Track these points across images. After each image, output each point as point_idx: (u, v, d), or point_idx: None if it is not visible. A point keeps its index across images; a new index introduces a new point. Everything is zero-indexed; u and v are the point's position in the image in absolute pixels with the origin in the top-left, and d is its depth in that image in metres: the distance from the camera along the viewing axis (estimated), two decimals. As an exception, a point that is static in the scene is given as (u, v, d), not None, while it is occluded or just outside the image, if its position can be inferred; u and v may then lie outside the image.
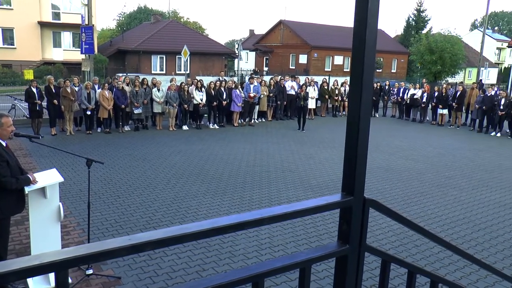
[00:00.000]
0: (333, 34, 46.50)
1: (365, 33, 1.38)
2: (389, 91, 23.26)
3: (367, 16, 1.37)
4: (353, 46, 1.44)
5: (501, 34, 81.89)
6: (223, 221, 1.24)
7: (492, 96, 18.62)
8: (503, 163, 13.07)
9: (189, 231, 1.17)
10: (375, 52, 1.44)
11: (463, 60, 37.41)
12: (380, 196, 9.25)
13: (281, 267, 1.41)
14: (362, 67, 1.41)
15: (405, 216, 1.92)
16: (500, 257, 6.69)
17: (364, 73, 1.41)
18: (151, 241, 1.12)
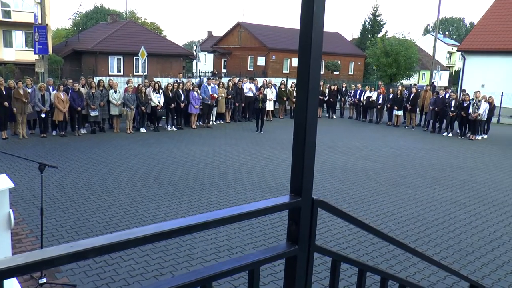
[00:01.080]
0: (291, 37, 46.88)
1: (311, 36, 1.40)
2: (346, 93, 23.67)
3: (313, 19, 1.38)
4: (300, 49, 1.46)
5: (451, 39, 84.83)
6: (168, 225, 1.22)
7: (444, 98, 19.22)
8: (454, 162, 13.51)
9: (133, 236, 1.15)
10: (321, 55, 1.46)
11: (417, 63, 38.46)
12: (338, 196, 9.39)
13: (230, 270, 1.40)
14: (308, 70, 1.42)
15: (353, 215, 1.95)
16: (451, 252, 6.92)
17: (310, 76, 1.42)
18: (93, 247, 1.09)
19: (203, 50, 48.53)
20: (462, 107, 18.35)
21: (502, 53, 28.23)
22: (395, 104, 20.83)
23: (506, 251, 7.09)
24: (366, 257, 6.48)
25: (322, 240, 7.00)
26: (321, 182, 10.42)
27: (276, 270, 5.79)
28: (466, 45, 30.55)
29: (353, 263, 2.07)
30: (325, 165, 12.22)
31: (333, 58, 48.71)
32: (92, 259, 5.90)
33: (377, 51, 36.68)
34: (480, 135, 18.59)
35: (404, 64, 36.22)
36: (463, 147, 16.27)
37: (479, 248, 7.15)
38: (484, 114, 18.07)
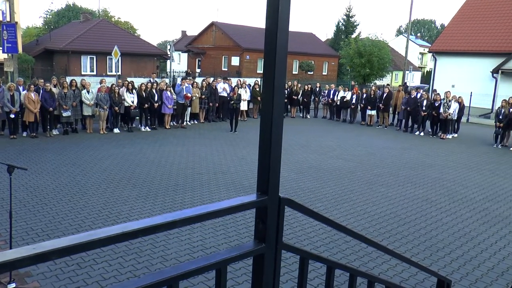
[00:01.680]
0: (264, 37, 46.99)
1: (276, 37, 1.41)
2: (320, 93, 23.85)
3: (278, 20, 1.40)
4: (265, 50, 1.47)
5: (423, 40, 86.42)
6: (134, 225, 1.22)
7: (416, 98, 19.55)
8: (426, 161, 13.76)
9: (97, 237, 1.14)
10: (286, 55, 1.47)
11: (389, 63, 38.97)
12: (312, 195, 9.47)
13: (196, 269, 1.41)
14: (274, 70, 1.44)
15: (319, 213, 1.98)
16: (422, 248, 7.07)
17: (276, 76, 1.44)
18: (56, 249, 1.08)
19: (177, 50, 48.20)
20: (433, 107, 18.69)
21: (471, 55, 28.83)
22: (368, 104, 21.09)
23: (474, 246, 7.28)
24: (339, 255, 6.56)
25: (296, 239, 7.05)
26: (295, 181, 10.48)
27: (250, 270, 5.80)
28: (437, 46, 31.10)
29: (321, 261, 2.10)
30: (299, 164, 12.29)
31: (307, 59, 48.99)
32: (64, 262, 5.82)
33: (350, 51, 37.04)
34: (451, 134, 18.96)
35: (377, 65, 36.67)
36: (434, 146, 16.57)
37: (449, 244, 7.31)
38: (454, 113, 18.44)
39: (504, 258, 6.90)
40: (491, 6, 30.88)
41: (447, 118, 18.34)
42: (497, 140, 17.47)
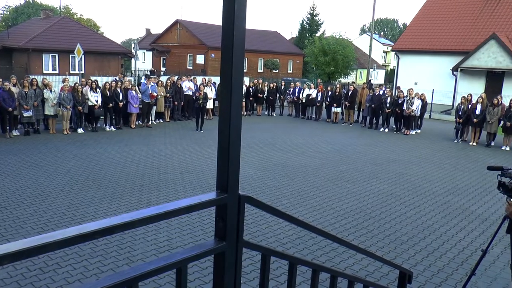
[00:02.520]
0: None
1: (232, 34, 1.41)
2: (285, 91, 23.99)
3: (234, 18, 1.40)
4: (222, 47, 1.47)
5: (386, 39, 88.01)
6: (91, 226, 1.20)
7: (380, 95, 19.90)
8: (390, 156, 14.03)
9: (52, 239, 1.11)
10: (243, 52, 1.48)
11: (354, 62, 39.53)
12: (278, 192, 9.52)
13: (156, 269, 1.39)
14: (231, 67, 1.44)
15: (279, 209, 1.99)
16: (387, 241, 7.21)
17: (233, 73, 1.44)
18: (8, 253, 1.04)
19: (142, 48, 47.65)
20: (397, 104, 19.06)
21: (432, 53, 29.54)
22: (333, 102, 21.34)
23: (436, 238, 7.48)
24: (306, 251, 6.61)
25: (263, 236, 7.07)
26: (261, 179, 10.52)
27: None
28: (399, 45, 31.71)
29: (283, 257, 2.11)
30: (265, 162, 12.34)
31: (272, 57, 49.16)
32: (26, 267, 5.68)
33: (315, 50, 37.37)
34: (414, 130, 19.39)
35: (342, 63, 37.15)
36: (398, 142, 16.91)
37: (412, 236, 7.48)
38: (417, 110, 18.85)
39: (464, 248, 7.12)
40: (450, 7, 31.74)
41: (410, 115, 18.74)
42: (457, 135, 17.96)
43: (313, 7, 57.29)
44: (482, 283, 5.97)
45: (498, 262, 6.55)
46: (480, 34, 28.29)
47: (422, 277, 6.08)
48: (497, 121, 16.79)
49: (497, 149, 16.45)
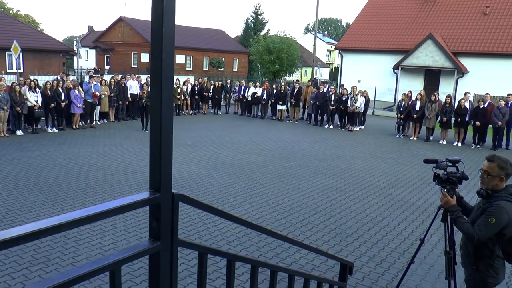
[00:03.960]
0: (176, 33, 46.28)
1: (162, 31, 1.40)
2: (230, 89, 24.00)
3: (163, 14, 1.38)
4: (152, 45, 1.45)
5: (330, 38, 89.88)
6: (14, 231, 1.14)
7: (324, 93, 20.27)
8: (335, 152, 14.32)
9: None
10: (173, 49, 1.46)
11: (298, 60, 40.07)
12: (224, 190, 9.51)
13: (88, 273, 1.35)
14: (161, 64, 1.42)
15: (214, 206, 1.99)
16: (332, 235, 7.37)
17: (163, 71, 1.42)
18: None
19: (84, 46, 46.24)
20: (341, 101, 19.47)
21: (374, 52, 30.43)
22: (279, 99, 21.54)
23: (379, 229, 7.72)
24: (252, 248, 6.64)
25: (210, 235, 7.05)
26: (207, 177, 10.48)
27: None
28: (342, 44, 32.42)
29: (220, 254, 2.11)
30: (210, 160, 12.30)
31: (217, 55, 49.04)
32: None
33: (260, 48, 37.60)
34: (358, 126, 19.87)
35: (287, 61, 37.57)
36: (343, 138, 17.28)
37: (357, 229, 7.68)
38: (361, 107, 19.34)
39: (405, 238, 7.39)
40: (390, 8, 32.86)
41: (354, 112, 19.20)
42: (399, 130, 18.57)
43: (257, 6, 57.66)
44: (421, 270, 6.21)
45: (436, 250, 6.84)
46: (418, 34, 29.39)
47: (366, 267, 6.25)
48: (435, 116, 17.48)
49: (436, 143, 17.15)
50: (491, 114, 16.40)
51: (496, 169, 3.80)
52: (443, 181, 4.32)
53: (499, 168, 3.80)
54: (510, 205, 3.72)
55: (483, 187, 3.90)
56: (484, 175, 3.86)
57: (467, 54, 27.49)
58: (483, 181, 3.89)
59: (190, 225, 7.45)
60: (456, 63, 26.95)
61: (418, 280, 5.95)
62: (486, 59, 26.90)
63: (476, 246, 3.87)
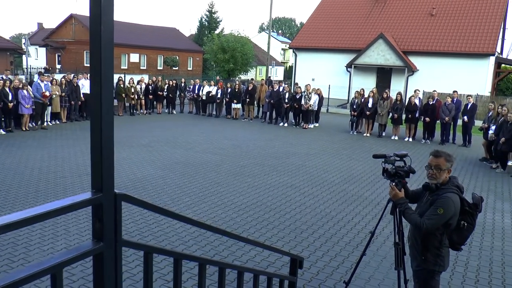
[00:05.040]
0: (129, 31, 45.55)
1: (100, 29, 1.38)
2: (185, 88, 23.83)
3: (101, 12, 1.37)
4: (90, 42, 1.43)
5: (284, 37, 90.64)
6: None
7: (279, 91, 20.44)
8: (290, 150, 14.47)
9: None
10: (112, 47, 1.45)
11: (253, 59, 40.17)
12: (179, 190, 9.44)
13: (27, 276, 1.32)
14: (100, 62, 1.40)
15: (157, 205, 1.98)
16: (287, 231, 7.45)
17: (102, 68, 1.41)
18: None
19: (34, 44, 44.79)
20: (295, 99, 19.68)
21: (328, 51, 30.90)
22: (233, 98, 21.55)
23: (334, 224, 7.88)
24: (208, 247, 6.62)
25: (165, 236, 6.99)
26: (162, 178, 10.37)
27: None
28: (296, 43, 32.75)
29: (166, 253, 2.10)
30: (165, 160, 12.18)
31: (171, 54, 48.53)
32: None
33: (214, 47, 37.50)
34: (312, 124, 20.14)
35: (241, 60, 37.63)
36: (297, 136, 17.47)
37: (311, 225, 7.80)
38: (314, 104, 19.61)
39: (359, 232, 7.57)
40: (342, 8, 33.51)
41: (308, 109, 19.44)
42: (352, 127, 18.95)
43: (211, 4, 57.33)
44: (374, 262, 6.39)
45: (388, 242, 7.03)
46: (370, 33, 30.08)
47: (321, 262, 6.36)
48: (387, 113, 17.94)
49: (388, 139, 17.61)
50: (439, 110, 17.02)
51: (445, 162, 4.00)
52: (392, 175, 4.46)
53: (446, 161, 4.00)
54: (456, 196, 3.93)
55: (434, 181, 4.04)
56: (435, 170, 4.02)
57: (416, 53, 28.40)
58: (434, 176, 4.03)
59: (145, 226, 7.36)
60: (406, 61, 27.75)
61: (371, 271, 6.11)
62: (434, 58, 27.88)
63: (424, 236, 4.04)
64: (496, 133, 13.08)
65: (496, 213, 9.09)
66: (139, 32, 46.98)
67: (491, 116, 14.31)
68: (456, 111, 17.16)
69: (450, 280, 6.01)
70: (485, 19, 28.35)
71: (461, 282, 6.00)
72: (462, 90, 22.06)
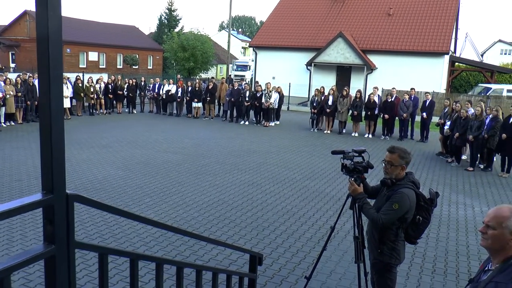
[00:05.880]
0: (87, 29, 44.55)
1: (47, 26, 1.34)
2: (145, 87, 23.51)
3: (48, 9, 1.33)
4: (37, 39, 1.39)
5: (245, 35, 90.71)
6: None
7: (239, 89, 20.44)
8: (251, 148, 14.49)
9: None
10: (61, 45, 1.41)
11: (213, 57, 39.99)
12: (140, 191, 9.31)
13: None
14: (48, 60, 1.36)
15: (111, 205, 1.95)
16: (249, 229, 7.48)
17: (51, 66, 1.37)
18: None
19: (-16, 41, 43.13)
20: (255, 97, 19.72)
21: (288, 49, 31.05)
22: (194, 97, 21.42)
23: (295, 221, 7.95)
24: (170, 247, 6.56)
25: (126, 237, 6.88)
26: (123, 178, 10.20)
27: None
28: (256, 41, 32.79)
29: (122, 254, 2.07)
30: (126, 161, 11.99)
31: (131, 52, 47.76)
32: None
33: (174, 45, 37.12)
34: (273, 122, 20.23)
35: (201, 58, 37.39)
36: (258, 134, 17.51)
37: (273, 222, 7.85)
38: (275, 103, 19.71)
39: (320, 227, 7.66)
40: (302, 6, 33.77)
41: (269, 107, 19.51)
42: (313, 124, 19.14)
43: (171, 2, 56.57)
44: (335, 256, 6.50)
45: (349, 237, 7.15)
46: (329, 32, 30.44)
47: (283, 258, 6.41)
48: (347, 110, 18.22)
49: (348, 136, 17.89)
50: (397, 107, 17.42)
51: (398, 159, 4.10)
52: (350, 170, 4.53)
53: (400, 157, 4.10)
54: (411, 191, 4.04)
55: (387, 176, 4.17)
56: (387, 165, 4.15)
57: (375, 52, 28.93)
58: (387, 171, 4.17)
59: (106, 228, 7.23)
60: (365, 60, 28.24)
61: (333, 266, 6.20)
62: (392, 56, 28.48)
63: (381, 230, 4.15)
64: (451, 128, 13.51)
65: (451, 205, 9.38)
66: (98, 30, 46.01)
67: (446, 112, 14.74)
68: (414, 108, 17.63)
69: (408, 271, 6.18)
70: (439, 19, 29.19)
71: (418, 273, 6.17)
72: (419, 88, 22.71)
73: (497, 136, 12.14)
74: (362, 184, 4.46)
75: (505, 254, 2.61)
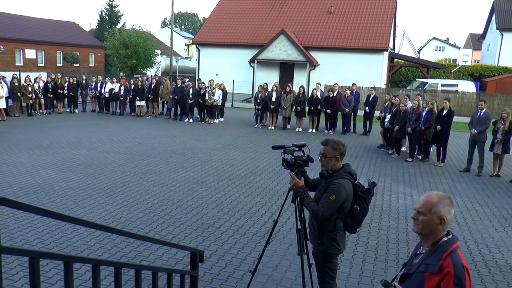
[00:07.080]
0: (23, 25, 42.66)
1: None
2: (87, 86, 22.87)
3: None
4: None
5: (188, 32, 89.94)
6: None
7: (182, 87, 20.27)
8: (195, 145, 14.43)
9: None
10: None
11: (156, 54, 39.36)
12: (83, 192, 9.09)
13: None
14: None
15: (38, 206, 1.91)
16: (194, 227, 7.47)
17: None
18: None
19: None
20: (199, 95, 19.63)
21: (231, 46, 31.04)
22: (137, 95, 21.07)
23: (240, 217, 8.02)
24: (117, 251, 6.46)
25: (69, 242, 6.70)
26: (64, 181, 9.91)
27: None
28: (199, 38, 32.58)
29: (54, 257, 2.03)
30: (67, 162, 11.64)
31: (71, 50, 46.19)
32: None
33: (116, 42, 36.22)
34: (217, 119, 20.22)
35: (144, 56, 36.70)
36: (203, 131, 17.45)
37: (218, 219, 7.88)
38: (219, 100, 19.68)
39: (265, 222, 7.76)
40: (243, 3, 33.91)
41: (212, 105, 19.47)
42: (257, 121, 19.29)
43: (111, -3, 55.08)
44: (280, 250, 6.62)
45: (294, 230, 7.25)
46: (272, 29, 30.72)
47: (228, 254, 6.45)
48: (290, 106, 18.48)
49: (292, 131, 18.17)
50: (339, 102, 17.85)
51: (331, 150, 4.25)
52: (291, 165, 4.62)
53: (333, 149, 4.25)
54: (347, 182, 4.18)
55: (324, 168, 4.30)
56: (322, 157, 4.28)
57: (317, 48, 29.44)
58: (322, 163, 4.31)
59: (47, 233, 7.01)
60: (308, 56, 28.68)
61: (278, 259, 6.31)
62: (334, 53, 29.09)
63: (320, 221, 4.25)
64: (391, 121, 14.02)
65: (392, 195, 9.75)
66: (35, 25, 44.16)
67: (386, 106, 15.26)
68: (356, 103, 18.15)
69: (352, 260, 6.38)
70: (378, 17, 30.13)
71: (361, 261, 6.39)
72: (360, 83, 23.31)
73: (432, 128, 12.71)
74: (303, 178, 4.56)
75: (434, 238, 2.79)
